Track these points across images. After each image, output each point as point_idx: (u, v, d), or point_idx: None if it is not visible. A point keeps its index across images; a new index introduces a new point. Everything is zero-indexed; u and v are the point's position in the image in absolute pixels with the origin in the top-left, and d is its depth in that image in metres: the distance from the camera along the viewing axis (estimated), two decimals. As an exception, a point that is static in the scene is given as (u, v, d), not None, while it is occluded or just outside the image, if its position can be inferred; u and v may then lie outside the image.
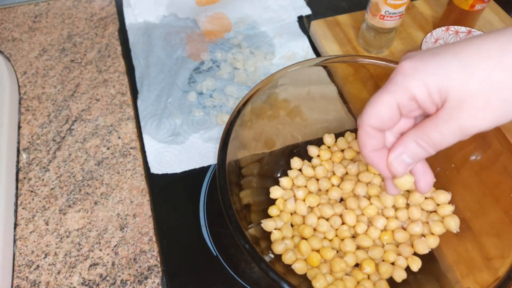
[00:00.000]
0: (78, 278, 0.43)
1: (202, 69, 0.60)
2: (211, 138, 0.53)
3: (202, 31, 0.65)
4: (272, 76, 0.43)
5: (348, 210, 0.43)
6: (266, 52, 0.62)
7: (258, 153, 0.46)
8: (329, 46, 0.62)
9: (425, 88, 0.26)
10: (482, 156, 0.41)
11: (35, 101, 0.57)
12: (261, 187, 0.45)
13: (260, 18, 0.67)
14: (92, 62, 0.61)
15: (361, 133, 0.30)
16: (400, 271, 0.39)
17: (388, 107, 0.28)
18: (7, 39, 0.64)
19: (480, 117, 0.25)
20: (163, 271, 0.43)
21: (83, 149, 0.52)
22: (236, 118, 0.40)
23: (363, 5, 0.68)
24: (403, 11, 0.55)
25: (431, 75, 0.26)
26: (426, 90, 0.26)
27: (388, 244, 0.42)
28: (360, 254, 0.41)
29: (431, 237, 0.41)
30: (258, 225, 0.41)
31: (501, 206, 0.38)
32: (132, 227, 0.46)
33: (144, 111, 0.55)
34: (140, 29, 0.65)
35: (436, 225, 0.41)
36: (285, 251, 0.40)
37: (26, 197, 0.48)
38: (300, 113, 0.48)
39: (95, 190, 0.49)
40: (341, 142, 0.48)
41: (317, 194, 0.45)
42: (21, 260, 0.44)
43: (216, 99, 0.56)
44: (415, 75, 0.26)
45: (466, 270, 0.38)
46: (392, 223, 0.42)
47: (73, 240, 0.45)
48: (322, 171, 0.46)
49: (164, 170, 0.50)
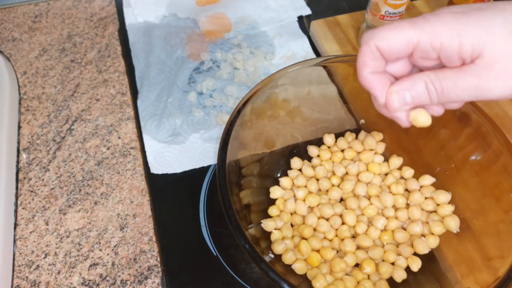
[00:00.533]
0: (78, 278, 0.43)
1: (202, 69, 0.60)
2: (211, 138, 0.53)
3: (202, 31, 0.65)
4: (272, 76, 0.43)
5: (348, 210, 0.43)
6: (266, 52, 0.62)
7: (258, 153, 0.46)
8: (329, 46, 0.62)
9: (457, 39, 0.24)
10: (482, 156, 0.41)
11: (35, 101, 0.57)
12: (261, 187, 0.45)
13: (260, 18, 0.67)
14: (92, 62, 0.61)
15: (365, 50, 0.27)
16: (400, 271, 0.39)
17: (406, 40, 0.25)
18: (7, 39, 0.64)
19: (506, 83, 0.24)
20: (163, 271, 0.43)
21: (83, 149, 0.52)
22: (236, 118, 0.40)
23: (363, 5, 0.68)
24: (403, 11, 0.55)
25: (470, 27, 0.24)
26: (457, 42, 0.24)
27: (388, 244, 0.42)
28: (360, 254, 0.41)
29: (431, 237, 0.41)
30: (258, 225, 0.41)
31: (501, 206, 0.38)
32: (132, 227, 0.46)
33: (144, 111, 0.55)
34: (140, 29, 0.65)
35: (436, 225, 0.41)
36: (285, 251, 0.40)
37: (26, 197, 0.48)
38: (300, 113, 0.48)
39: (95, 190, 0.49)
40: (341, 142, 0.48)
41: (317, 194, 0.45)
42: (21, 260, 0.44)
43: (216, 99, 0.56)
44: (451, 22, 0.24)
45: (466, 270, 0.38)
46: (392, 223, 0.42)
47: (73, 240, 0.45)
48: (322, 171, 0.46)
49: (164, 170, 0.50)
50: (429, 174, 0.44)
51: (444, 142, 0.44)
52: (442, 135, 0.44)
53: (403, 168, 0.46)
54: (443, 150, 0.44)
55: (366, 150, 0.47)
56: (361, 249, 0.42)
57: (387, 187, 0.45)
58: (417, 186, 0.44)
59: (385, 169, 0.47)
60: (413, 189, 0.44)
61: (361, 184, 0.45)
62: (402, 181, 0.46)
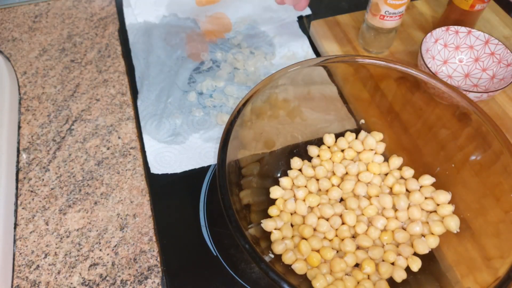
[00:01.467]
0: (78, 278, 0.43)
1: (202, 69, 0.60)
2: (211, 138, 0.53)
3: (202, 31, 0.65)
4: (272, 76, 0.43)
5: (348, 210, 0.43)
6: (266, 52, 0.62)
7: (258, 153, 0.46)
8: (329, 46, 0.62)
9: None
10: (482, 156, 0.41)
11: (35, 101, 0.57)
12: (261, 187, 0.45)
13: (260, 18, 0.67)
14: (92, 62, 0.61)
15: None
16: (400, 271, 0.39)
17: None
18: (7, 39, 0.64)
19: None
20: (163, 271, 0.43)
21: (83, 149, 0.52)
22: (236, 118, 0.40)
23: (363, 5, 0.68)
24: (403, 11, 0.55)
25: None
26: None
27: (388, 244, 0.42)
28: (360, 254, 0.41)
29: (431, 237, 0.41)
30: (258, 225, 0.41)
31: (501, 206, 0.38)
32: (132, 227, 0.46)
33: (144, 111, 0.55)
34: (140, 29, 0.65)
35: (436, 225, 0.41)
36: (285, 251, 0.40)
37: (26, 197, 0.48)
38: (300, 113, 0.48)
39: (95, 190, 0.49)
40: (341, 142, 0.48)
41: (317, 194, 0.45)
42: (21, 260, 0.44)
43: (216, 99, 0.56)
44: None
45: (466, 270, 0.38)
46: (392, 223, 0.42)
47: (73, 240, 0.45)
48: (322, 171, 0.46)
49: (164, 170, 0.50)
50: (429, 174, 0.44)
51: (444, 142, 0.44)
52: (442, 135, 0.44)
53: (403, 168, 0.46)
54: (443, 150, 0.44)
55: (366, 150, 0.47)
56: (361, 249, 0.42)
57: (387, 187, 0.45)
58: (417, 186, 0.44)
59: (385, 169, 0.47)
60: (413, 189, 0.44)
61: (361, 184, 0.45)
62: (402, 181, 0.46)
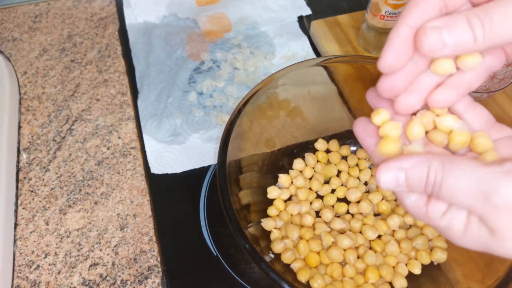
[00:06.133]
0: (78, 278, 0.43)
1: (202, 69, 0.60)
2: (211, 138, 0.53)
3: (202, 31, 0.65)
4: (272, 76, 0.43)
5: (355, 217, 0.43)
6: (266, 52, 0.62)
7: (258, 153, 0.46)
8: (329, 46, 0.62)
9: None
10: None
11: (35, 101, 0.57)
12: (261, 187, 0.45)
13: (260, 18, 0.67)
14: (92, 62, 0.61)
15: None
16: (401, 279, 0.39)
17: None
18: (7, 39, 0.64)
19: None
20: (163, 271, 0.43)
21: (83, 149, 0.52)
22: (236, 118, 0.40)
23: (363, 5, 0.68)
24: (403, 11, 0.55)
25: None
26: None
27: (389, 256, 0.41)
28: (359, 264, 0.40)
29: (439, 250, 0.40)
30: (257, 223, 0.41)
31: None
32: (132, 227, 0.46)
33: (144, 111, 0.55)
34: (140, 29, 0.65)
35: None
36: (285, 250, 0.40)
37: (26, 197, 0.48)
38: (300, 113, 0.48)
39: (95, 190, 0.49)
40: (344, 149, 0.48)
41: (317, 195, 0.45)
42: (21, 260, 0.44)
43: (216, 99, 0.56)
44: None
45: (466, 270, 0.38)
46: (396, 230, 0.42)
47: (73, 240, 0.45)
48: (322, 172, 0.46)
49: (164, 170, 0.50)
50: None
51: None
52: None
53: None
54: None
55: None
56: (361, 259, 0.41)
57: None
58: None
59: None
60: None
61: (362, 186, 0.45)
62: None
